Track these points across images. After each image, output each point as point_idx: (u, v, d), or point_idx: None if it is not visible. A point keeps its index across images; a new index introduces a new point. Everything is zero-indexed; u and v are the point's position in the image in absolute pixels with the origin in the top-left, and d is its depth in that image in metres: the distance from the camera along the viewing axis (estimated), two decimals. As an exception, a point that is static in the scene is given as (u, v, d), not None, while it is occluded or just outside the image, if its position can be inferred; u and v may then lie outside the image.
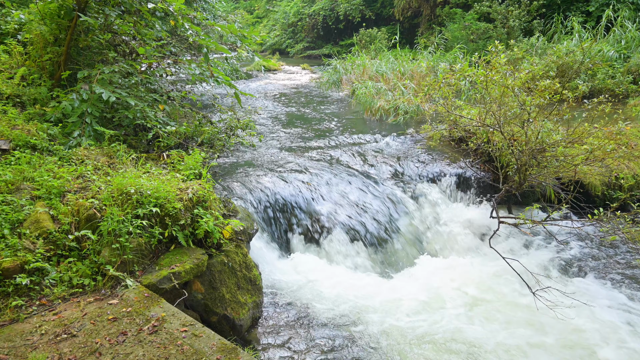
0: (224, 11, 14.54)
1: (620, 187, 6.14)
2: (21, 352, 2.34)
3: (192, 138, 5.67)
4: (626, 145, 5.88)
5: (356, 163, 6.51)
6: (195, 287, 3.38)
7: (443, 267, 5.10)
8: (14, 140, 4.08)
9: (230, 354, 2.43)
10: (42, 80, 5.15)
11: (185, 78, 9.30)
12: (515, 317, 4.17)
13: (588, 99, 5.69)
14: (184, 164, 4.34)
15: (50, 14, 5.10)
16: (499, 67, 5.35)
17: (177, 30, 6.43)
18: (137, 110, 4.98)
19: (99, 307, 2.74)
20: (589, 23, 12.63)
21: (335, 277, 4.68)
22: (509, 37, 13.16)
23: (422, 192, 6.11)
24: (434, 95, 7.19)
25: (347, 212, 5.40)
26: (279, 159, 6.32)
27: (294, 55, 27.34)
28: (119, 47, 6.20)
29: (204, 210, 3.59)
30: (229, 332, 3.52)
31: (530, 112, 5.24)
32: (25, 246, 2.94)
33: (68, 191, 3.53)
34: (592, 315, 4.19)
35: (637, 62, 9.42)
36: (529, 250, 5.59)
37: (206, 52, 5.46)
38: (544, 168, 5.51)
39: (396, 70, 11.71)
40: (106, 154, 4.40)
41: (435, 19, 18.30)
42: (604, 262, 5.23)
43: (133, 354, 2.38)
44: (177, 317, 2.70)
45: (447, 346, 3.73)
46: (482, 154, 6.61)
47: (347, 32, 24.72)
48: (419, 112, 8.88)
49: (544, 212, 5.90)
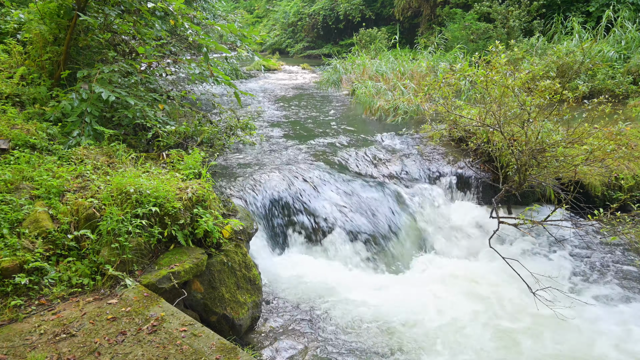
0: (224, 11, 14.53)
1: (620, 187, 6.13)
2: (20, 351, 2.33)
3: (191, 137, 5.66)
4: (626, 146, 5.87)
5: (355, 163, 6.50)
6: (195, 286, 3.37)
7: (443, 266, 5.10)
8: (13, 140, 4.08)
9: (230, 354, 2.43)
10: (41, 80, 5.14)
11: (185, 77, 9.29)
12: (513, 315, 4.18)
13: (588, 99, 5.69)
14: (184, 164, 4.33)
15: (50, 13, 5.09)
16: (499, 67, 5.35)
17: (176, 29, 6.42)
18: (137, 110, 4.97)
19: (98, 307, 2.73)
20: (589, 23, 12.63)
21: (335, 276, 4.67)
22: (509, 37, 13.15)
23: (421, 192, 6.10)
24: (433, 95, 7.19)
25: (347, 211, 5.39)
26: (279, 159, 6.31)
27: (294, 55, 27.33)
28: (118, 46, 6.19)
29: (203, 209, 3.59)
30: (229, 331, 3.52)
31: (530, 112, 5.24)
32: (24, 246, 2.93)
33: (67, 190, 3.52)
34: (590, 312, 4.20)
35: (637, 62, 9.42)
36: (528, 249, 5.58)
37: (206, 52, 5.45)
38: (543, 168, 5.51)
39: (396, 70, 11.71)
40: (105, 153, 4.39)
41: (435, 19, 18.30)
42: (603, 262, 5.22)
43: (132, 353, 2.37)
44: (176, 317, 2.70)
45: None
46: (482, 154, 6.61)
47: (347, 32, 24.71)
48: (419, 112, 8.87)
49: (544, 212, 5.90)
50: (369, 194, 5.76)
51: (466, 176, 6.43)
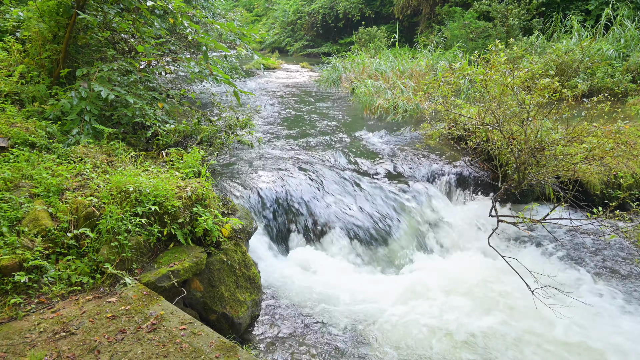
0: (223, 9, 14.49)
1: (619, 185, 6.14)
2: (20, 349, 2.33)
3: (191, 136, 5.67)
4: (625, 144, 5.88)
5: (355, 161, 6.50)
6: (194, 285, 3.37)
7: (442, 265, 5.10)
8: (12, 138, 4.07)
9: (229, 352, 2.43)
10: (40, 78, 5.14)
11: (184, 76, 9.28)
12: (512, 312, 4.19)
13: (587, 97, 5.69)
14: (183, 162, 4.33)
15: (49, 11, 5.08)
16: (499, 66, 5.35)
17: (176, 28, 6.42)
18: (136, 108, 4.97)
19: (97, 305, 2.73)
20: (589, 22, 12.63)
21: (334, 275, 4.67)
22: (508, 35, 13.15)
23: (421, 190, 6.11)
24: (433, 94, 7.18)
25: (346, 210, 5.40)
26: (278, 157, 6.32)
27: (294, 53, 27.31)
28: (117, 44, 6.18)
29: (203, 208, 3.59)
30: (228, 330, 3.52)
31: (530, 110, 5.24)
32: (23, 244, 2.94)
33: (67, 189, 3.52)
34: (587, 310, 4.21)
35: (636, 60, 9.42)
36: (527, 248, 5.59)
37: (205, 50, 5.45)
38: (543, 167, 5.51)
39: (395, 68, 11.71)
40: (105, 152, 4.39)
41: (435, 17, 18.28)
42: (602, 260, 5.23)
43: (132, 352, 2.37)
44: (176, 315, 2.70)
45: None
46: (481, 153, 6.61)
47: (346, 31, 24.69)
48: (418, 111, 8.87)
49: (544, 210, 5.90)
50: (368, 192, 5.76)
51: (465, 175, 6.44)
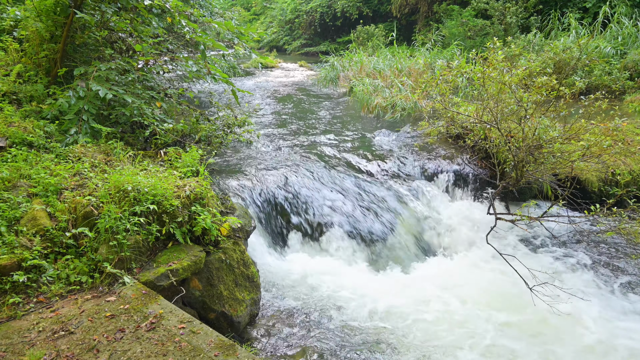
0: (221, 8, 14.48)
1: (617, 183, 6.16)
2: (19, 349, 2.34)
3: (189, 135, 5.67)
4: (622, 142, 5.90)
5: (353, 160, 6.51)
6: (193, 284, 3.38)
7: (440, 263, 5.11)
8: (10, 138, 4.07)
9: (228, 351, 2.44)
10: (38, 78, 5.13)
11: (182, 75, 9.27)
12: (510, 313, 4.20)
13: (585, 95, 5.70)
14: (181, 161, 4.33)
15: (46, 10, 5.07)
16: (496, 64, 5.36)
17: (174, 27, 6.42)
18: (134, 108, 4.97)
19: (96, 304, 2.74)
20: (586, 19, 12.64)
21: (332, 273, 4.68)
22: (506, 33, 13.16)
23: (419, 188, 6.12)
24: (431, 92, 7.19)
25: (345, 209, 5.40)
26: (276, 156, 6.32)
27: (291, 52, 27.28)
28: (115, 44, 6.17)
29: (201, 207, 3.59)
30: (227, 329, 3.53)
31: (527, 108, 5.25)
32: (22, 243, 2.94)
33: (65, 188, 3.52)
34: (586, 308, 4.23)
35: (634, 58, 9.43)
36: (525, 245, 5.60)
37: (203, 49, 5.44)
38: (540, 164, 5.52)
39: (393, 67, 11.70)
40: (103, 151, 4.39)
41: (433, 15, 18.27)
42: (600, 257, 5.25)
43: (131, 350, 2.38)
44: (174, 314, 2.71)
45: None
46: (479, 151, 6.62)
47: (344, 29, 24.65)
48: (416, 109, 8.88)
49: (541, 208, 5.92)
50: (366, 191, 5.77)
51: (463, 173, 6.45)
